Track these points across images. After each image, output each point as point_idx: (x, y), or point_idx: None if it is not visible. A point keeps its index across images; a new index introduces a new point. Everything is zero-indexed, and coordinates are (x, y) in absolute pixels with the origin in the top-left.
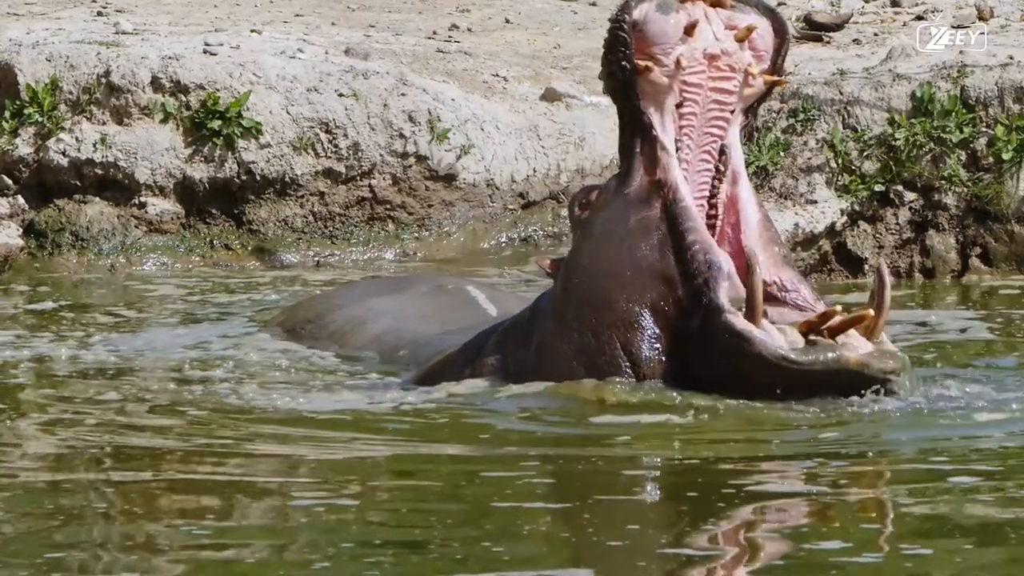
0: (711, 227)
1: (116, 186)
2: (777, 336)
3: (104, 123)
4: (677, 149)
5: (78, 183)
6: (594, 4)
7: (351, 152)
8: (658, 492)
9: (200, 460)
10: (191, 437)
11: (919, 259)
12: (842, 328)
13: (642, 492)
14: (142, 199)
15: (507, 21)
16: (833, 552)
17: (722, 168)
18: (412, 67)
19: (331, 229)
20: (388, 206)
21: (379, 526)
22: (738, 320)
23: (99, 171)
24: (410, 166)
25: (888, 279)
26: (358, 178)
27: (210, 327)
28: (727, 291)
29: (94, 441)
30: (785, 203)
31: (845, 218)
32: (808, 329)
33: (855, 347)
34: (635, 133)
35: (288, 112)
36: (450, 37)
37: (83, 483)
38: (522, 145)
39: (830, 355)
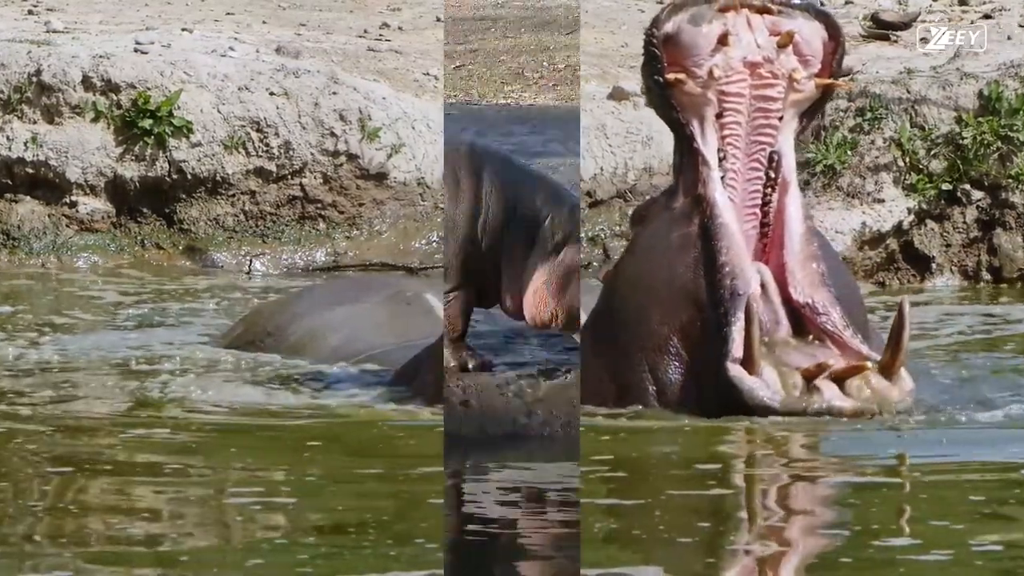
0: (763, 235)
1: (47, 185)
2: (773, 382)
3: (35, 122)
4: (723, 159)
5: (9, 182)
6: (660, 2)
7: (282, 151)
8: (718, 488)
9: (145, 460)
10: (136, 434)
11: (986, 258)
12: (845, 375)
13: (703, 488)
14: (73, 198)
15: (437, 20)
16: (902, 549)
17: (773, 175)
18: (343, 66)
19: (262, 228)
20: (319, 205)
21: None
22: (733, 367)
23: (30, 170)
24: (341, 165)
25: (908, 318)
26: (289, 177)
27: (164, 333)
28: (742, 325)
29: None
30: (852, 202)
31: (912, 217)
32: (808, 376)
33: (857, 395)
34: (680, 146)
35: (219, 111)
36: (381, 36)
37: (19, 476)
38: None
39: (820, 407)
